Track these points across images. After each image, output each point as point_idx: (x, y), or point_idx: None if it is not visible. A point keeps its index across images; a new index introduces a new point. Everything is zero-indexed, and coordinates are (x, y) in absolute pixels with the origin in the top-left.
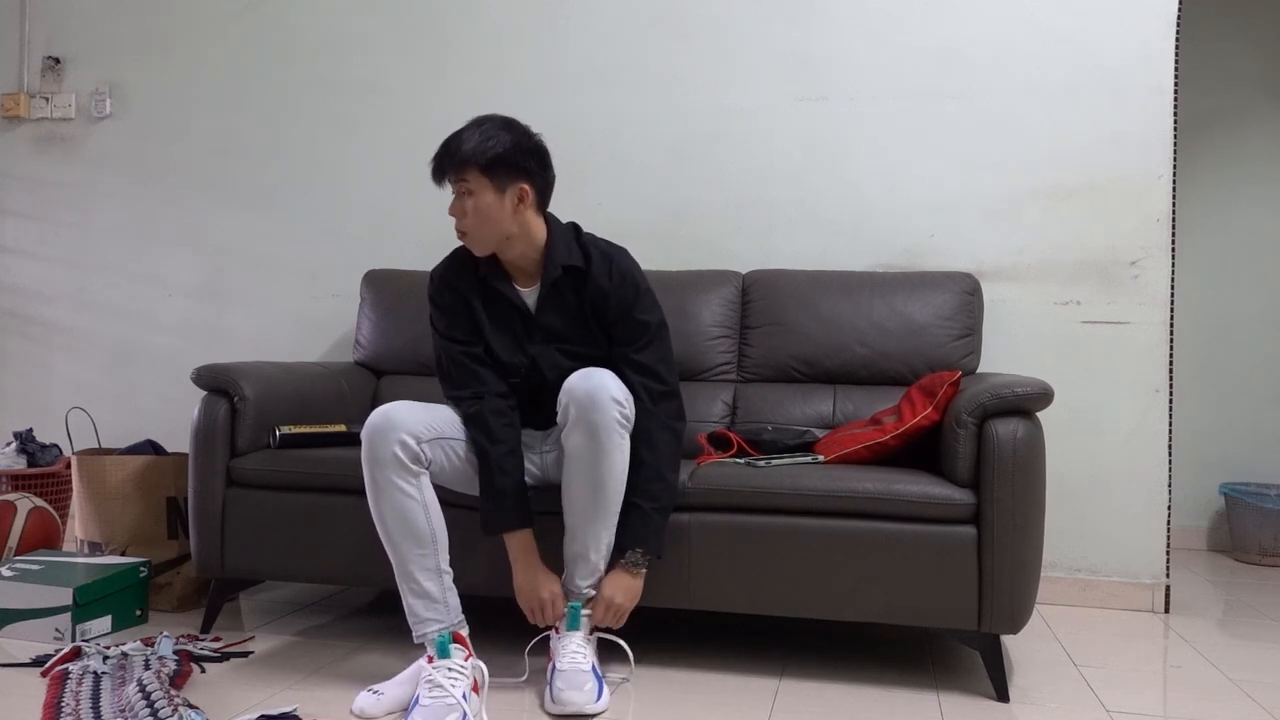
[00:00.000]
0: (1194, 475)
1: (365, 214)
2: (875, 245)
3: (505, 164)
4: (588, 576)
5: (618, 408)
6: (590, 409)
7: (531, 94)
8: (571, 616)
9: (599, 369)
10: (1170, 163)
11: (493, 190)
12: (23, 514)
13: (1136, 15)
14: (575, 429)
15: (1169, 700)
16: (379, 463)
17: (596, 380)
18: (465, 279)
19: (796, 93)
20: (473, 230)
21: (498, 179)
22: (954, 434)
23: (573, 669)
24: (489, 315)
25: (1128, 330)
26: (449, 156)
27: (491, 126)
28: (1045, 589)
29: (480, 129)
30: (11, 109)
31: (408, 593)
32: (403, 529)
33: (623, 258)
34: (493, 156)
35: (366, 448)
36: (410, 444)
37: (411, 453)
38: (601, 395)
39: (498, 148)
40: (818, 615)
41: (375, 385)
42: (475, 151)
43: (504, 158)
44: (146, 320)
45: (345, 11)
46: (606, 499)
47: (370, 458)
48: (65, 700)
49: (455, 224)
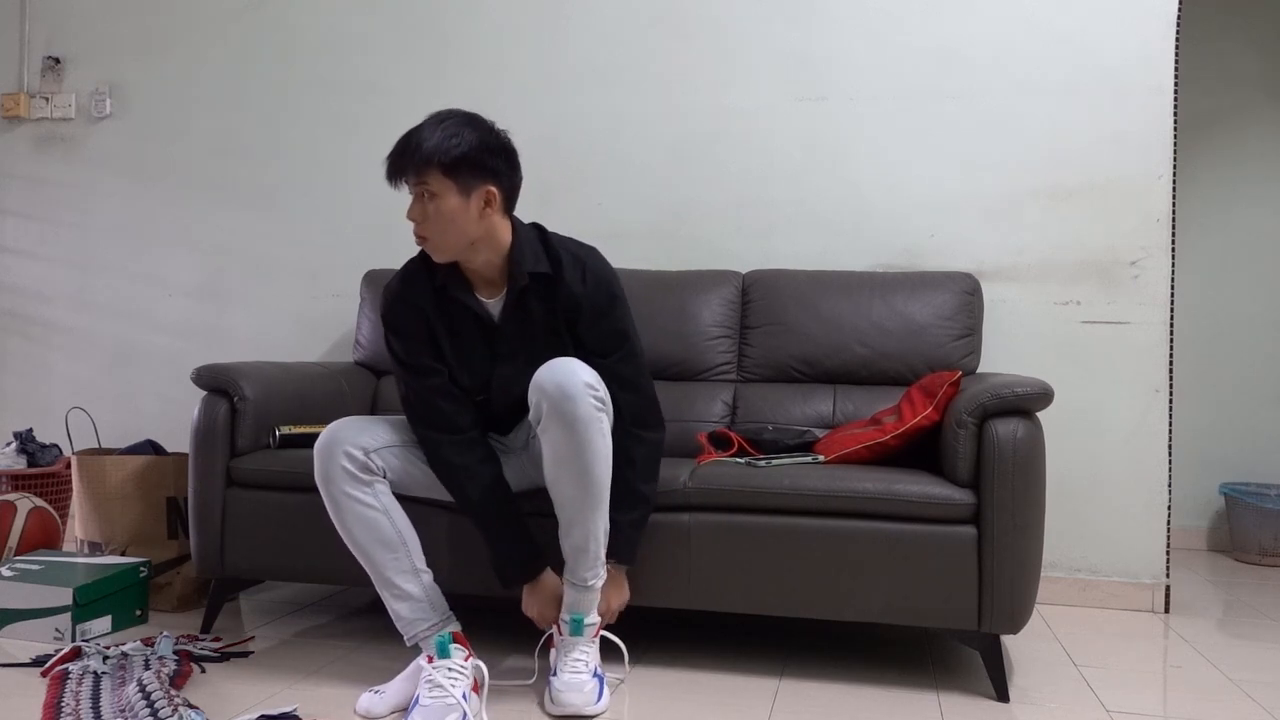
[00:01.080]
0: (1194, 475)
1: (365, 214)
2: (875, 245)
3: (470, 164)
4: (590, 566)
5: (590, 393)
6: (563, 400)
7: (531, 94)
8: (574, 626)
9: (563, 358)
10: (1170, 163)
11: (456, 193)
12: (23, 514)
13: (1136, 15)
14: (551, 423)
15: (1169, 700)
16: (330, 479)
17: (564, 370)
18: (421, 293)
19: (796, 93)
20: (434, 236)
21: (462, 180)
22: (954, 434)
23: (573, 671)
24: (449, 329)
25: (1128, 330)
26: (407, 156)
27: (454, 123)
28: (1045, 589)
29: (441, 126)
30: (11, 109)
31: (390, 599)
32: (370, 537)
33: (595, 260)
34: (457, 156)
35: (317, 468)
36: (357, 455)
37: (359, 463)
38: (573, 384)
39: (462, 146)
40: (818, 615)
41: (375, 385)
42: (437, 150)
43: (469, 157)
44: (146, 320)
45: (345, 11)
46: (596, 487)
47: (321, 476)
48: (65, 700)
49: (414, 229)
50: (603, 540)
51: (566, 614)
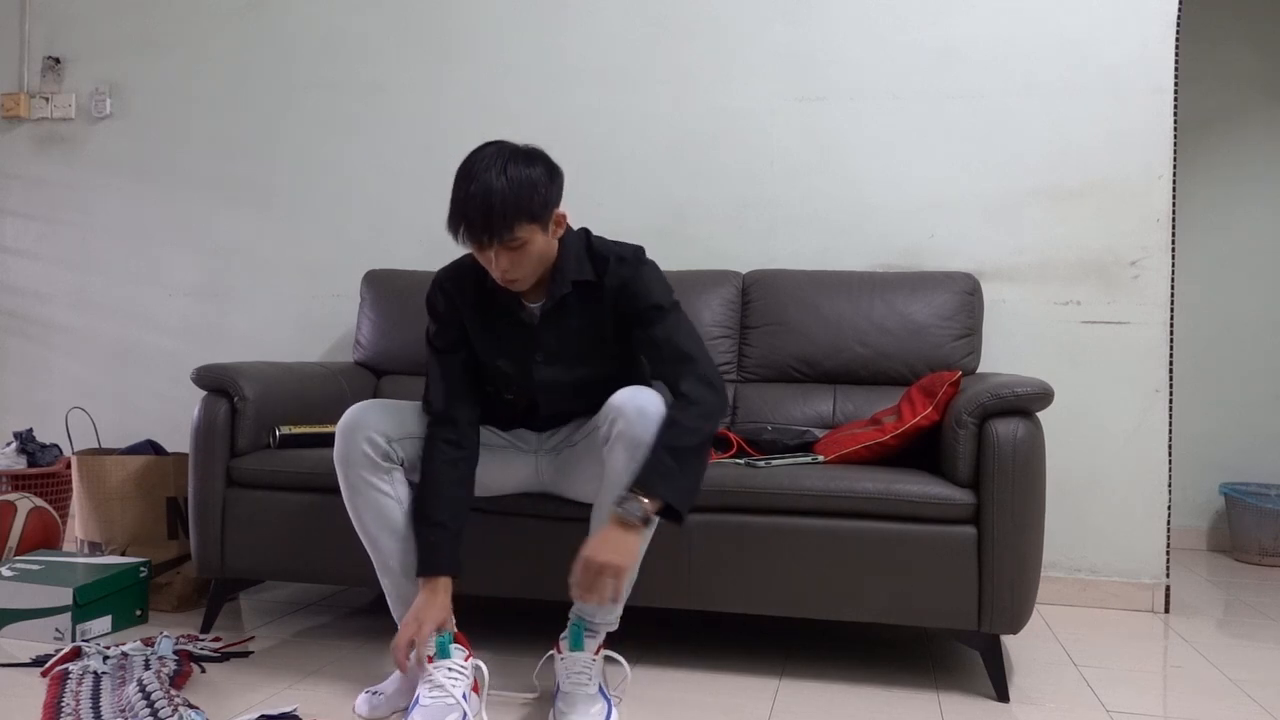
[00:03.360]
0: (1194, 475)
1: (365, 214)
2: (875, 245)
3: (546, 203)
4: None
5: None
6: (640, 422)
7: (531, 94)
8: (574, 635)
9: (645, 388)
10: (1170, 163)
11: (540, 232)
12: (23, 514)
13: (1136, 15)
14: (619, 444)
15: (1169, 700)
16: (349, 461)
17: (648, 397)
18: (467, 290)
19: (796, 93)
20: (525, 276)
21: (543, 220)
22: (954, 434)
23: (577, 690)
24: (487, 327)
25: (1128, 330)
26: (495, 221)
27: (517, 168)
28: (1045, 589)
29: (508, 176)
30: (11, 109)
31: (391, 590)
32: (380, 524)
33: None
34: (539, 204)
35: (337, 447)
36: (379, 442)
37: (381, 450)
38: (652, 413)
39: (540, 192)
40: (818, 615)
41: (375, 385)
42: (521, 207)
43: (546, 199)
44: (146, 320)
45: (346, 11)
46: None
47: (342, 457)
48: (65, 700)
49: (498, 271)
50: (626, 583)
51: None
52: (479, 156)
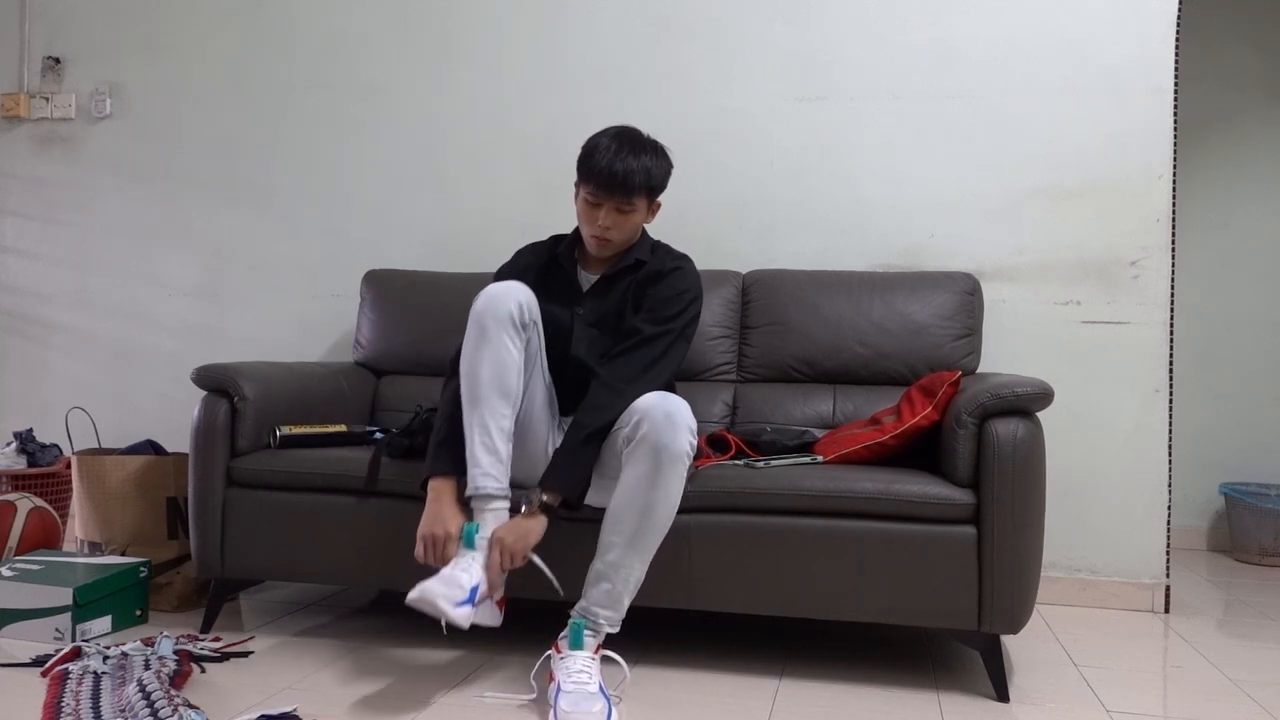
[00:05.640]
0: (1194, 475)
1: (365, 214)
2: (875, 245)
3: (660, 188)
4: (604, 604)
5: (690, 436)
6: (666, 428)
7: (531, 94)
8: (574, 635)
9: (674, 395)
10: (1170, 163)
11: (647, 209)
12: (23, 514)
13: (1136, 15)
14: (641, 447)
15: (1169, 700)
16: (495, 316)
17: (676, 404)
18: (540, 255)
19: (796, 93)
20: (617, 238)
21: (653, 200)
22: (954, 434)
23: (578, 689)
24: (544, 286)
25: (1128, 330)
26: (629, 185)
27: (650, 156)
28: (1045, 589)
29: (649, 156)
30: (11, 109)
31: (476, 442)
32: (495, 381)
33: (685, 257)
34: (658, 185)
35: (484, 302)
36: (526, 310)
37: (523, 319)
38: (681, 419)
39: (664, 178)
40: (818, 615)
41: (375, 385)
42: (649, 182)
43: (662, 184)
44: (146, 320)
45: (345, 11)
46: (651, 528)
47: (487, 309)
48: (65, 700)
49: (598, 226)
50: (631, 586)
51: (572, 616)
52: (631, 130)
